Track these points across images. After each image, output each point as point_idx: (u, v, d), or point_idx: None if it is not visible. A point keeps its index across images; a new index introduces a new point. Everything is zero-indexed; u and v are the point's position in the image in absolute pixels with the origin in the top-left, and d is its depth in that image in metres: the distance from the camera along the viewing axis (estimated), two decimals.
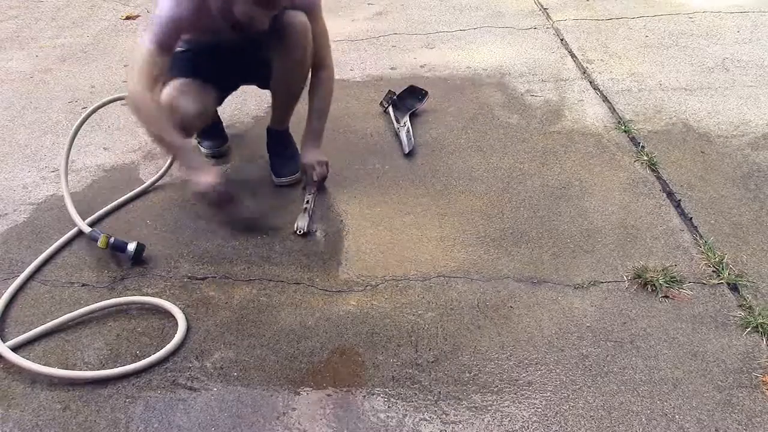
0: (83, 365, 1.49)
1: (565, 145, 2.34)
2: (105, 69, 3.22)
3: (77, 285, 1.75)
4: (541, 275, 1.72)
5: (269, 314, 1.63)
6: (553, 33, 3.42)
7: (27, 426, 1.35)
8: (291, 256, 1.83)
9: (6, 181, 2.26)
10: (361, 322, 1.59)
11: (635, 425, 1.30)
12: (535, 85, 2.82)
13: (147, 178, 2.22)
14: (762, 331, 1.50)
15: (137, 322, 1.61)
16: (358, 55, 3.25)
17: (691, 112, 2.52)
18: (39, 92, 2.97)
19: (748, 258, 1.74)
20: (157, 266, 1.81)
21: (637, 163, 2.19)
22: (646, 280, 1.66)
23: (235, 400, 1.39)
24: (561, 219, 1.94)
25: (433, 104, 2.65)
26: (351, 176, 2.19)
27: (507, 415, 1.34)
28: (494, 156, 2.29)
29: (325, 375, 1.44)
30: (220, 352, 1.52)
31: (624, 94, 2.69)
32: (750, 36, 3.23)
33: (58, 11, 4.16)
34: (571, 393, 1.38)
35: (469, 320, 1.58)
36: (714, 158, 2.21)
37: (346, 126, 2.52)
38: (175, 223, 2.00)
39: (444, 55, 3.19)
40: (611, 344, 1.50)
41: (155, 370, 1.47)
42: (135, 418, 1.36)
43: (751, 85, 2.71)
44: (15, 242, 1.93)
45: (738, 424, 1.30)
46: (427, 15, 3.81)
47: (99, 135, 2.54)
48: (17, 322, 1.63)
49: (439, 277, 1.73)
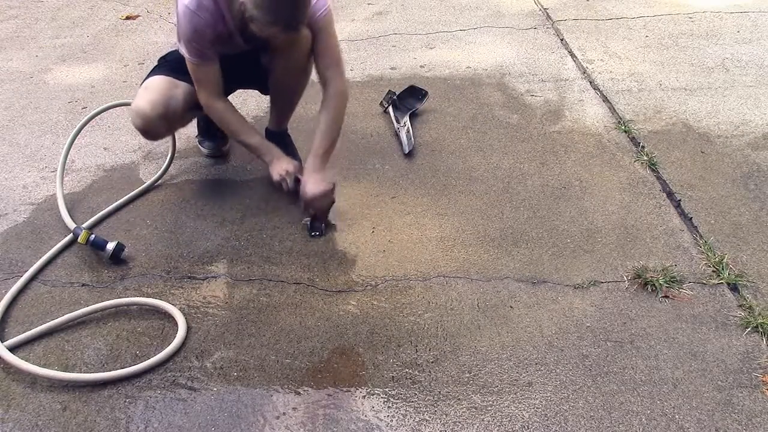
0: (83, 365, 1.49)
1: (565, 145, 2.34)
2: (105, 69, 3.22)
3: (77, 285, 1.75)
4: (541, 275, 1.72)
5: (269, 314, 1.63)
6: (553, 33, 3.42)
7: (27, 426, 1.35)
8: (291, 256, 1.83)
9: (6, 181, 2.26)
10: (361, 322, 1.59)
11: (635, 425, 1.30)
12: (535, 85, 2.82)
13: (147, 178, 2.22)
14: (762, 331, 1.50)
15: (137, 323, 1.61)
16: (358, 55, 3.25)
17: (691, 112, 2.52)
18: (39, 92, 2.97)
19: (748, 258, 1.74)
20: (157, 266, 1.81)
21: (637, 163, 2.19)
22: (646, 280, 1.66)
23: (235, 400, 1.39)
24: (561, 219, 1.94)
25: (433, 104, 2.65)
26: (351, 176, 2.18)
27: (507, 415, 1.34)
28: (494, 156, 2.29)
29: (325, 375, 1.44)
30: (220, 352, 1.52)
31: (624, 94, 2.69)
32: (750, 36, 3.23)
33: (58, 11, 4.16)
34: (571, 393, 1.38)
35: (469, 320, 1.58)
36: (714, 158, 2.21)
37: (346, 126, 2.49)
38: (175, 223, 2.00)
39: (444, 55, 3.19)
40: (611, 344, 1.50)
41: (155, 370, 1.47)
42: (135, 418, 1.36)
43: (751, 85, 2.71)
44: (15, 242, 1.93)
45: (738, 424, 1.30)
46: (427, 15, 3.81)
47: (99, 135, 2.54)
48: (17, 322, 1.63)
49: (439, 277, 1.73)
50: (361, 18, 3.80)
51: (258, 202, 2.08)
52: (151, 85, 1.95)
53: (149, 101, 1.91)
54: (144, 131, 1.97)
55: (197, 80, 1.88)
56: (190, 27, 1.75)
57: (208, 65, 1.85)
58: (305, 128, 2.51)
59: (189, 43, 1.78)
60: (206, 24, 1.76)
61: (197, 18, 1.74)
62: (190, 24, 1.74)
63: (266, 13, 1.61)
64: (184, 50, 1.81)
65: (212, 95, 1.90)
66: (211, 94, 1.90)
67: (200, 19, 1.74)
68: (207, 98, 1.90)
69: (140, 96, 1.94)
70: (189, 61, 1.83)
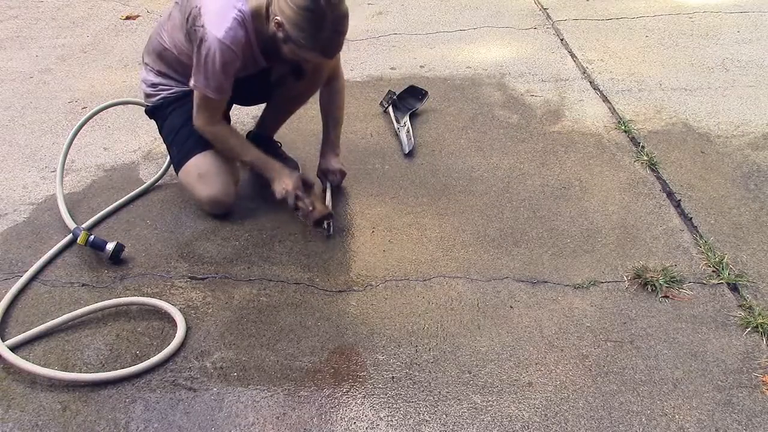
0: (83, 365, 1.49)
1: (565, 145, 2.34)
2: (105, 69, 3.22)
3: (77, 285, 1.75)
4: (540, 275, 1.72)
5: (269, 314, 1.63)
6: (553, 33, 3.42)
7: (27, 426, 1.35)
8: (291, 256, 1.83)
9: (6, 181, 2.26)
10: (361, 322, 1.59)
11: (635, 425, 1.30)
12: (535, 85, 2.82)
13: (147, 178, 2.22)
14: (762, 331, 1.50)
15: (137, 322, 1.61)
16: (358, 55, 3.25)
17: (691, 112, 2.52)
18: (39, 92, 2.97)
19: (748, 258, 1.74)
20: (157, 266, 1.81)
21: (637, 163, 2.19)
22: (646, 280, 1.66)
23: (235, 400, 1.39)
24: (561, 219, 1.94)
25: (433, 104, 2.65)
26: (351, 176, 2.18)
27: (507, 415, 1.34)
28: (494, 156, 2.29)
29: (325, 375, 1.44)
30: (220, 353, 1.51)
31: (624, 94, 2.69)
32: (750, 36, 3.23)
33: (58, 11, 4.16)
34: (571, 393, 1.38)
35: (469, 320, 1.58)
36: (714, 158, 2.21)
37: (346, 126, 2.50)
38: (175, 223, 2.00)
39: (444, 55, 3.19)
40: (611, 344, 1.50)
41: (155, 370, 1.47)
42: (135, 418, 1.36)
43: (751, 85, 2.71)
44: (15, 242, 1.93)
45: (738, 424, 1.30)
46: (427, 15, 3.81)
47: (99, 135, 2.54)
48: (17, 322, 1.62)
49: (439, 277, 1.73)
50: (361, 18, 3.80)
51: (258, 201, 2.08)
52: (207, 171, 1.92)
53: (221, 190, 1.92)
54: (223, 214, 1.99)
55: (203, 108, 1.82)
56: (220, 62, 1.67)
57: (222, 99, 1.81)
58: (305, 128, 2.51)
59: (214, 77, 1.71)
60: (237, 58, 1.70)
61: (231, 54, 1.68)
62: (222, 58, 1.67)
63: (308, 38, 1.57)
64: (202, 84, 1.74)
65: (212, 121, 1.86)
66: (211, 119, 1.86)
67: (233, 54, 1.68)
68: (205, 123, 1.86)
69: (204, 185, 1.92)
70: (204, 94, 1.77)
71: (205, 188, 1.92)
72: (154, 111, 2.04)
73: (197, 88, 1.78)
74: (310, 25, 1.56)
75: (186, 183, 1.98)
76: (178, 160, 1.98)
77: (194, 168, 1.94)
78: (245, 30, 1.69)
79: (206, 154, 1.93)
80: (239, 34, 1.68)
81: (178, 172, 2.00)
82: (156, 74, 1.98)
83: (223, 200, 1.95)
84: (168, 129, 2.01)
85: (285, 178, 1.89)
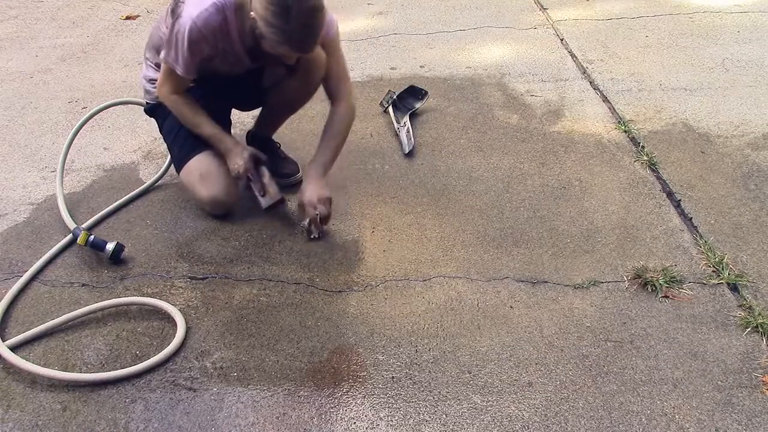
0: (83, 365, 1.49)
1: (565, 145, 2.34)
2: (105, 69, 3.22)
3: (77, 285, 1.75)
4: (541, 275, 1.72)
5: (269, 314, 1.63)
6: (553, 33, 3.42)
7: (27, 426, 1.35)
8: (291, 256, 1.83)
9: (6, 181, 2.26)
10: (361, 322, 1.59)
11: (635, 425, 1.30)
12: (535, 85, 2.82)
13: (147, 178, 2.22)
14: (762, 331, 1.50)
15: (137, 322, 1.61)
16: (358, 55, 3.25)
17: (691, 112, 2.52)
18: (39, 92, 2.97)
19: (748, 258, 1.74)
20: (157, 266, 1.81)
21: (637, 163, 2.19)
22: (646, 280, 1.66)
23: (235, 400, 1.39)
24: (561, 219, 1.94)
25: (433, 104, 2.65)
26: (351, 176, 2.18)
27: (507, 415, 1.34)
28: (494, 156, 2.29)
29: (325, 375, 1.44)
30: (220, 353, 1.51)
31: (624, 94, 2.69)
32: (750, 36, 3.23)
33: (58, 11, 4.16)
34: (571, 393, 1.38)
35: (469, 320, 1.58)
36: (714, 158, 2.21)
37: None
38: (175, 223, 2.00)
39: (444, 55, 3.19)
40: (611, 344, 1.50)
41: (155, 370, 1.47)
42: (135, 418, 1.36)
43: (751, 85, 2.71)
44: (15, 242, 1.93)
45: (738, 424, 1.30)
46: (427, 15, 3.81)
47: (99, 135, 2.54)
48: (17, 322, 1.62)
49: (439, 277, 1.73)
50: (361, 18, 3.81)
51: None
52: (209, 171, 1.92)
53: (222, 190, 1.92)
54: (223, 214, 2.00)
55: (169, 78, 1.84)
56: (188, 40, 1.69)
57: (189, 76, 1.81)
58: (305, 128, 2.51)
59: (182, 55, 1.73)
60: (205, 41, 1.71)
61: (199, 34, 1.69)
62: (189, 37, 1.69)
63: (277, 32, 1.57)
64: (172, 58, 1.76)
65: (175, 92, 1.87)
66: (174, 91, 1.87)
67: (201, 36, 1.69)
68: (168, 92, 1.87)
69: (206, 185, 1.92)
70: (172, 69, 1.78)
71: (207, 188, 1.92)
72: (154, 109, 2.04)
73: (167, 62, 1.79)
74: (276, 18, 1.56)
75: (187, 183, 1.98)
76: (179, 159, 1.98)
77: (196, 168, 1.94)
78: (223, 17, 1.70)
79: (207, 154, 1.94)
80: (214, 19, 1.69)
81: (179, 171, 2.00)
82: (155, 69, 1.98)
83: (224, 200, 1.95)
84: (168, 128, 2.01)
85: (237, 157, 1.89)
